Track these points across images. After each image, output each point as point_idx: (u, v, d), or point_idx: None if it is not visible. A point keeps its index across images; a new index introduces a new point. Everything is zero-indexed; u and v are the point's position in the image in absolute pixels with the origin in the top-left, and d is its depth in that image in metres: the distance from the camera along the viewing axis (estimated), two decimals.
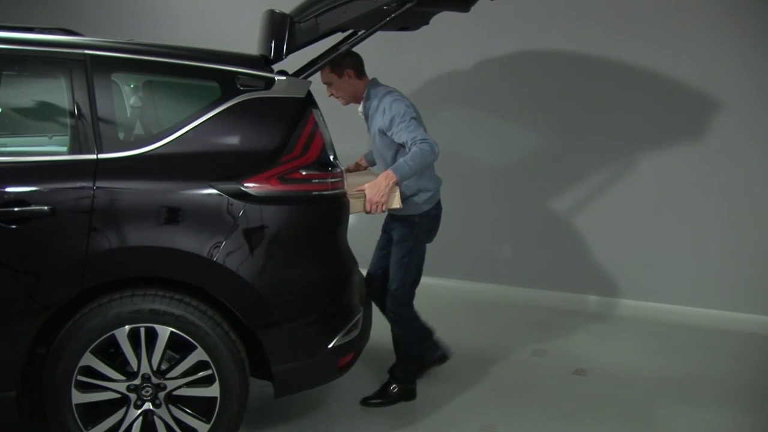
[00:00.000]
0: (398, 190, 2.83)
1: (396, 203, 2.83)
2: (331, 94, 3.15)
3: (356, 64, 3.10)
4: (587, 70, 4.60)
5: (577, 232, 4.79)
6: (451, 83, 4.93)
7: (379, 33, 2.77)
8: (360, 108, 3.16)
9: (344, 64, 3.05)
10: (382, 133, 3.02)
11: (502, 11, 4.21)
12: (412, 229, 3.10)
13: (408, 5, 2.66)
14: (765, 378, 3.70)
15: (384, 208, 2.81)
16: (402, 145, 2.97)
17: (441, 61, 4.92)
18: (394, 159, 3.03)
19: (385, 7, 2.65)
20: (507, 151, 4.91)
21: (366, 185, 2.79)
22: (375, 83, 3.13)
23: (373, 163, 3.49)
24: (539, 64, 4.71)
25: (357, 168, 3.56)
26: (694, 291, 4.52)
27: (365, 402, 3.22)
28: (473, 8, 3.12)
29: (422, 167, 2.88)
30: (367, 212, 2.81)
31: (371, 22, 2.72)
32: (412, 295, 3.19)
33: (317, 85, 2.71)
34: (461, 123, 4.91)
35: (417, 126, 2.92)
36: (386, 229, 3.27)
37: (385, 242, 3.26)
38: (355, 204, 2.75)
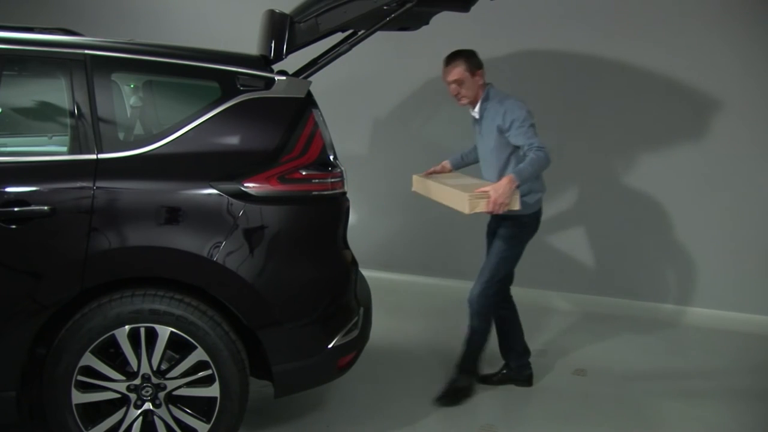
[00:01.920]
0: (518, 193, 2.95)
1: (516, 204, 2.95)
2: (457, 93, 3.22)
3: (482, 66, 3.21)
4: (588, 71, 4.59)
5: (577, 232, 4.78)
6: None
7: (379, 33, 2.77)
8: (475, 109, 3.24)
9: (478, 65, 3.18)
10: (500, 132, 3.11)
11: (502, 11, 4.20)
12: (520, 229, 3.22)
13: (408, 5, 2.67)
14: (765, 378, 3.70)
15: (506, 208, 2.91)
16: (516, 148, 3.08)
17: (441, 61, 4.90)
18: (508, 159, 3.15)
19: (385, 7, 2.66)
20: None
21: (489, 187, 2.90)
22: (494, 86, 3.25)
23: (458, 167, 3.60)
24: (539, 65, 4.70)
25: (443, 170, 3.60)
26: (694, 291, 4.52)
27: (438, 401, 3.23)
28: (473, 8, 3.12)
29: (538, 173, 3.04)
30: (489, 212, 2.92)
31: (371, 22, 2.72)
32: (497, 292, 3.27)
33: (317, 85, 2.71)
34: (461, 123, 4.89)
35: (534, 133, 3.04)
36: (490, 234, 3.37)
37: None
38: (477, 204, 2.91)
